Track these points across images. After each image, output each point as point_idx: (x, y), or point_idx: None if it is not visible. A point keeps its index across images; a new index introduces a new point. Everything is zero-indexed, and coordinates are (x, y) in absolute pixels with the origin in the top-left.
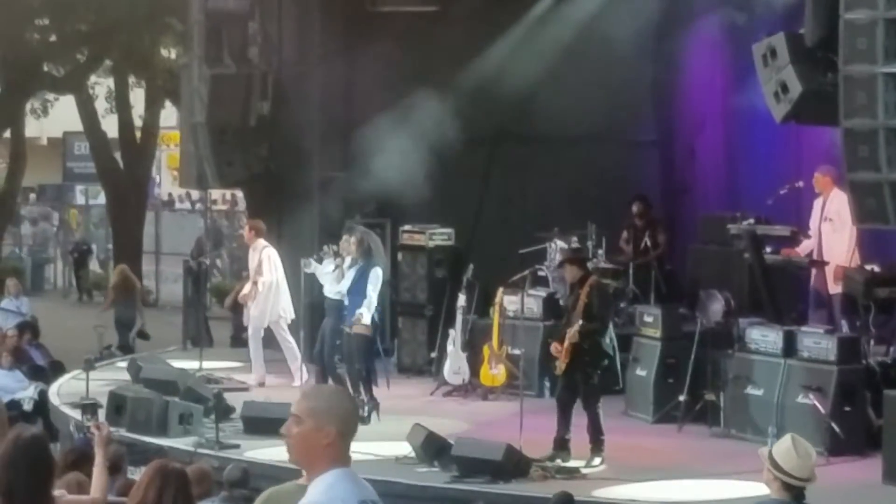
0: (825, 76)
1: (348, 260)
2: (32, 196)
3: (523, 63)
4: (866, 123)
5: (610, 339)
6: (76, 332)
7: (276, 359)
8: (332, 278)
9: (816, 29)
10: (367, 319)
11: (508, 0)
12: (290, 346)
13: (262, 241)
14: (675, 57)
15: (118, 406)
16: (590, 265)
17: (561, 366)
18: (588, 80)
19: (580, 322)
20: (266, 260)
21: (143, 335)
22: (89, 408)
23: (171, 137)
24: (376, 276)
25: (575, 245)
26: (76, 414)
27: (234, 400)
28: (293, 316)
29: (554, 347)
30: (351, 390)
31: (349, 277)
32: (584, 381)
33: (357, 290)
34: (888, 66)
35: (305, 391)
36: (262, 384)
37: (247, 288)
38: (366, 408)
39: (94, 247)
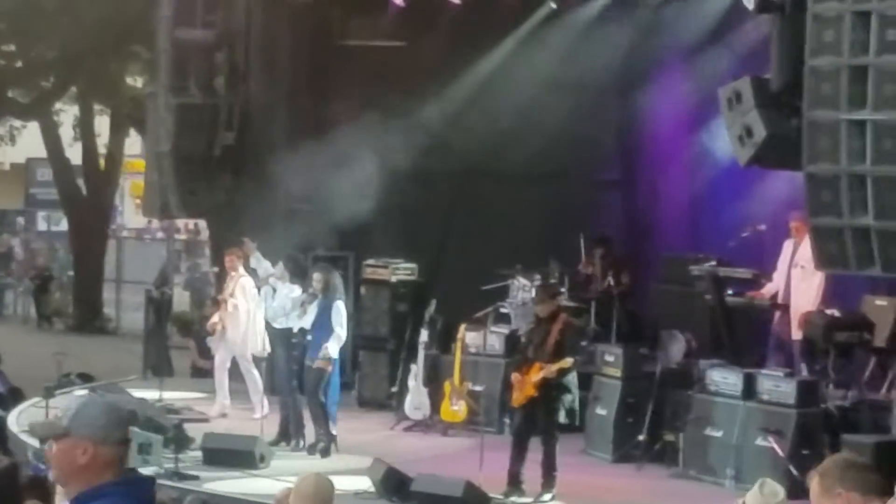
0: (789, 121)
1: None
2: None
3: (489, 100)
4: (829, 169)
5: (572, 375)
6: (35, 358)
7: (237, 390)
8: (278, 309)
9: (782, 74)
10: (334, 353)
11: (475, 38)
12: (254, 377)
13: (241, 270)
14: (640, 98)
15: None
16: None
17: (523, 395)
18: (553, 118)
19: (568, 359)
20: (240, 288)
21: None
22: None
23: (135, 165)
24: (339, 311)
25: (551, 281)
26: (34, 442)
27: (194, 431)
28: (260, 349)
29: (515, 377)
30: (313, 424)
31: (312, 312)
32: (547, 416)
33: (320, 324)
34: (851, 112)
35: None
36: (223, 415)
37: (215, 316)
38: (321, 443)
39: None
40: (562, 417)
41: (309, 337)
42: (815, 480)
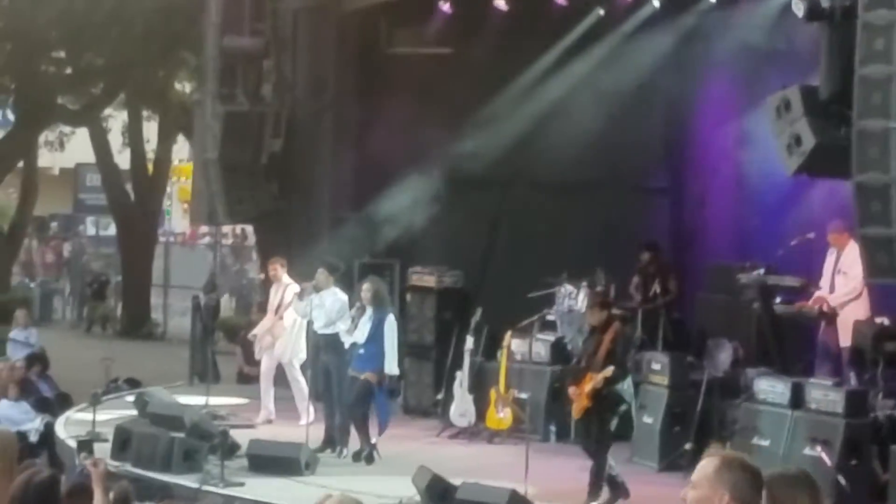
0: (839, 130)
1: (367, 310)
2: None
3: (535, 107)
4: (878, 178)
5: (627, 385)
6: (83, 363)
7: (283, 397)
8: (324, 314)
9: (831, 83)
10: (396, 370)
11: (522, 45)
12: (300, 384)
13: (286, 279)
14: (688, 105)
15: (124, 441)
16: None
17: (579, 407)
18: (600, 125)
19: (610, 368)
20: (290, 296)
21: None
22: (85, 444)
23: (183, 171)
24: (391, 326)
25: (600, 289)
26: None
27: (240, 437)
28: (305, 356)
29: (572, 391)
30: (357, 433)
31: (365, 327)
32: (599, 425)
33: (373, 337)
34: None
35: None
36: (269, 421)
37: (266, 324)
38: (365, 450)
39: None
40: (613, 426)
41: (361, 351)
42: (714, 458)
